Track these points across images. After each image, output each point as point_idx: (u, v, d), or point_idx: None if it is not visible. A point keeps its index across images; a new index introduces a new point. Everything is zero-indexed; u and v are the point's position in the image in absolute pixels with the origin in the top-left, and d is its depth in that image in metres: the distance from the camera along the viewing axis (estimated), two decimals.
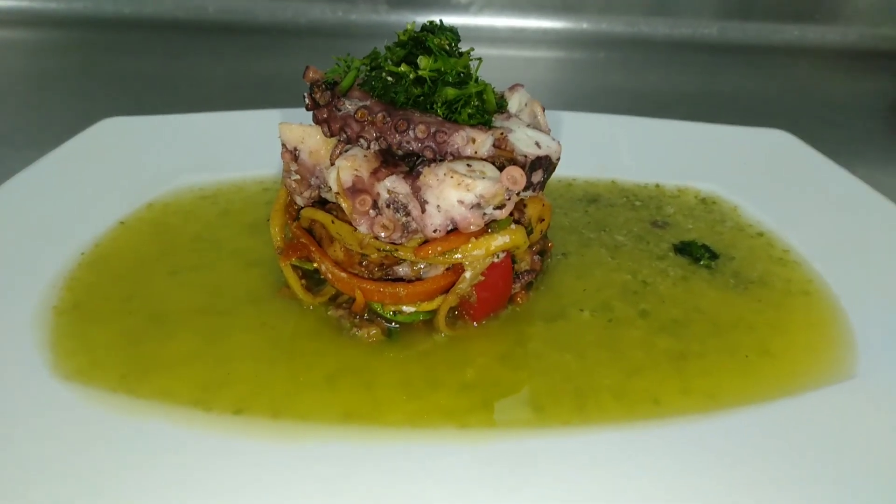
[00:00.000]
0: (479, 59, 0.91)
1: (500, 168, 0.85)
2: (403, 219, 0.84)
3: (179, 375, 0.81)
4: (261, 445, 0.72)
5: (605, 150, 1.41)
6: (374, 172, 0.84)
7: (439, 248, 0.84)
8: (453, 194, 0.81)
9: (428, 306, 0.89)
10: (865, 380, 0.84)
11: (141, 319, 0.91)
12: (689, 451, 0.73)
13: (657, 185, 1.33)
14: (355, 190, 0.83)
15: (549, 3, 2.50)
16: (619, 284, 1.03)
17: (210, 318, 0.92)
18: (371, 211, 0.83)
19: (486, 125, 0.86)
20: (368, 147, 0.85)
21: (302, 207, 0.94)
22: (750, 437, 0.75)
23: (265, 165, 1.30)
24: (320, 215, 0.90)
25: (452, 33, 0.89)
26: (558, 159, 0.92)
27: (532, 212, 0.93)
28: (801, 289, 1.03)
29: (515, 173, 0.81)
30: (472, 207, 0.82)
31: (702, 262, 1.09)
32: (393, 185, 0.83)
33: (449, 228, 0.84)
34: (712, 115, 1.96)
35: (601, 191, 1.31)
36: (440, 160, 0.84)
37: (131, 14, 2.47)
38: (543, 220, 0.96)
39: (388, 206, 0.83)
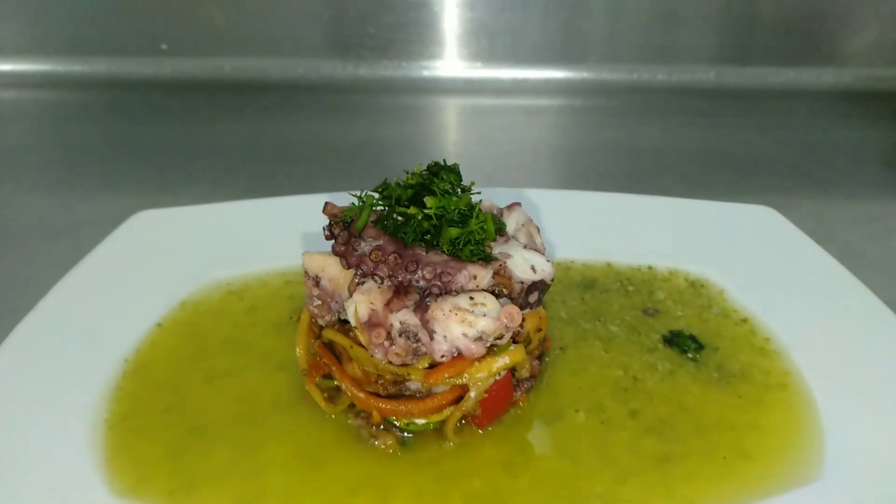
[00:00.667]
0: (479, 192, 1.02)
1: (500, 294, 0.96)
2: (414, 345, 0.95)
3: (219, 490, 0.92)
4: None
5: (599, 230, 1.49)
6: (388, 304, 0.95)
7: (446, 374, 0.94)
8: (457, 329, 0.92)
9: (437, 417, 0.99)
10: (829, 482, 0.93)
11: (182, 431, 1.02)
12: None
13: (650, 268, 1.42)
14: (371, 324, 0.94)
15: (550, 54, 2.60)
16: (611, 381, 1.13)
17: (243, 428, 1.03)
18: (385, 342, 0.94)
19: (487, 259, 0.97)
20: (382, 283, 0.96)
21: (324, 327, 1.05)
22: None
23: (287, 256, 1.39)
24: (340, 338, 1.00)
25: (455, 174, 1.00)
26: (552, 280, 1.02)
27: (530, 325, 1.04)
28: (778, 382, 1.12)
29: (513, 312, 0.92)
30: (474, 340, 0.93)
31: (689, 354, 1.19)
32: (405, 318, 0.94)
33: (455, 354, 0.95)
34: (708, 174, 2.07)
35: (597, 275, 1.40)
36: (447, 292, 0.95)
37: (151, 75, 2.60)
38: (541, 329, 1.06)
39: (400, 336, 0.94)
